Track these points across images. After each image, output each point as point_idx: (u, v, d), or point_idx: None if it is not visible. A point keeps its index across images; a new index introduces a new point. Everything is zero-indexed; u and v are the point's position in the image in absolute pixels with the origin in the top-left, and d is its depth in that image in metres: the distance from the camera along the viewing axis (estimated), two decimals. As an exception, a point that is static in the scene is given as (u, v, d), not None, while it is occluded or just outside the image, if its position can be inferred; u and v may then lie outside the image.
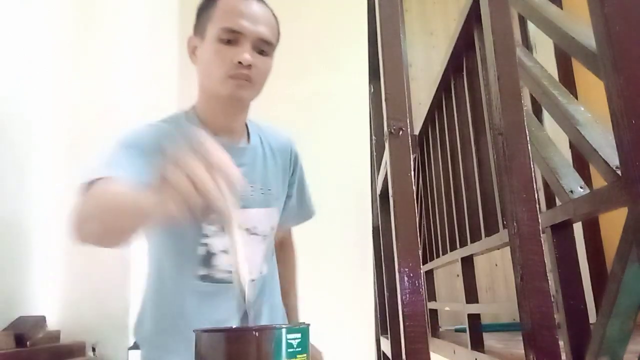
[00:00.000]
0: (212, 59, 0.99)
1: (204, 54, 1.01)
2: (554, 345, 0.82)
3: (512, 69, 0.99)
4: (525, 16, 1.30)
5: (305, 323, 0.67)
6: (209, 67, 1.00)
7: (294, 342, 0.63)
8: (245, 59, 0.97)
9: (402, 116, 0.97)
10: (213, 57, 0.98)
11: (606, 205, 0.83)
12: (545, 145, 1.10)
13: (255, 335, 0.62)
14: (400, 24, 1.04)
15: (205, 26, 1.01)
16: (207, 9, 1.02)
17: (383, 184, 1.35)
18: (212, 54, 0.98)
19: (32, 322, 1.63)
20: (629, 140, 0.72)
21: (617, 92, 0.74)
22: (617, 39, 0.76)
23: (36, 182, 1.85)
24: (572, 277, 0.97)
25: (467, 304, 1.47)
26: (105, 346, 1.86)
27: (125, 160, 0.93)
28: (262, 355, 0.61)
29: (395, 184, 0.94)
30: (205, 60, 1.01)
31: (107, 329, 1.87)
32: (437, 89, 1.84)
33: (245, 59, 0.97)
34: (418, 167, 2.35)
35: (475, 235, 1.46)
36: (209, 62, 1.00)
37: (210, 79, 1.01)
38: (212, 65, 0.99)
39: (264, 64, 1.02)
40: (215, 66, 0.99)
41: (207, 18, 1.01)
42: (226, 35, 0.97)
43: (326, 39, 2.63)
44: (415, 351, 0.85)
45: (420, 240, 1.22)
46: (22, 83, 1.84)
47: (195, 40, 1.05)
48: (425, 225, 2.26)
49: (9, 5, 1.78)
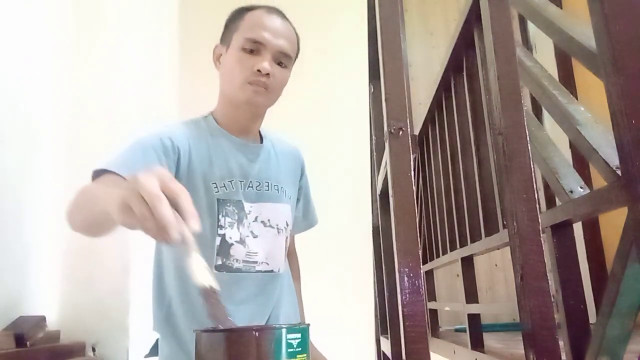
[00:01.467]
0: (235, 65, 1.08)
1: (227, 61, 1.11)
2: (554, 345, 0.82)
3: (512, 69, 0.99)
4: (525, 16, 1.29)
5: (306, 323, 0.67)
6: (231, 73, 1.09)
7: (294, 342, 0.63)
8: (264, 68, 1.05)
9: (402, 116, 0.97)
10: (235, 64, 1.08)
11: (606, 205, 0.83)
12: (545, 145, 1.10)
13: (255, 335, 0.62)
14: (400, 24, 1.04)
15: (231, 36, 1.11)
16: (235, 21, 1.12)
17: (383, 184, 1.35)
18: (235, 61, 1.08)
19: (32, 322, 1.63)
20: (629, 140, 0.72)
21: (617, 92, 0.74)
22: (617, 39, 0.76)
23: (36, 182, 1.85)
24: (572, 277, 0.97)
25: (467, 304, 1.47)
26: (105, 346, 1.86)
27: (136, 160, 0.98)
28: (262, 355, 0.61)
29: (395, 184, 0.94)
30: (228, 67, 1.10)
31: (107, 329, 1.87)
32: (437, 89, 1.84)
33: (264, 68, 1.05)
34: (418, 167, 2.35)
35: (475, 235, 1.46)
36: (231, 68, 1.09)
37: (231, 84, 1.10)
38: (234, 71, 1.08)
39: (281, 74, 1.10)
40: (236, 72, 1.07)
41: (233, 29, 1.11)
42: (249, 45, 1.07)
43: (326, 39, 2.63)
44: (415, 351, 0.85)
45: (420, 240, 1.22)
46: (23, 83, 1.84)
47: (221, 48, 1.14)
48: (425, 225, 2.26)
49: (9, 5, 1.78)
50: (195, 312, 1.07)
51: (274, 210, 1.16)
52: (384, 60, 1.02)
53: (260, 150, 1.18)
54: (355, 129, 2.42)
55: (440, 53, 1.97)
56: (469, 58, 1.46)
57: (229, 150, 1.13)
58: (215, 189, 1.08)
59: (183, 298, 1.09)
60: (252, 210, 1.12)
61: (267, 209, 1.14)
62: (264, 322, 1.14)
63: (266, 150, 1.20)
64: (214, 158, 1.10)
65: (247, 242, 1.10)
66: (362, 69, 1.79)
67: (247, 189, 1.12)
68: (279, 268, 1.16)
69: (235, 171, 1.11)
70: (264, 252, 1.12)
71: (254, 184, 1.14)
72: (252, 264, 1.10)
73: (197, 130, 1.12)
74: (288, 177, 1.23)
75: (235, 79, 1.08)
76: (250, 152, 1.16)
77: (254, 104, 1.10)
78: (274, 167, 1.19)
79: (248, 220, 1.11)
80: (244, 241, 1.09)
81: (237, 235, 1.08)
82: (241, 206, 1.10)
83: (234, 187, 1.10)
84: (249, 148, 1.17)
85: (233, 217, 1.08)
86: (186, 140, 1.08)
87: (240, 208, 1.10)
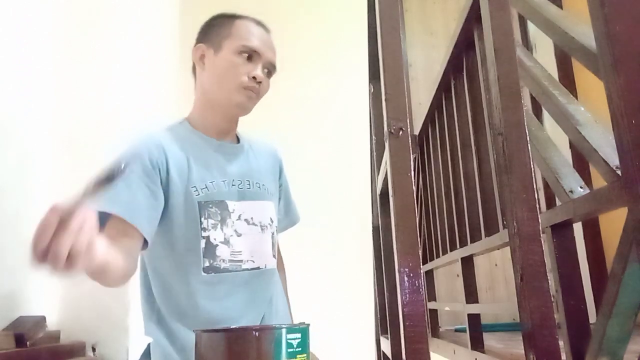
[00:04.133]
0: (229, 69, 1.12)
1: (218, 64, 1.13)
2: (554, 345, 0.82)
3: (512, 69, 0.99)
4: (525, 16, 1.29)
5: (305, 323, 0.67)
6: (223, 77, 1.13)
7: (294, 342, 0.63)
8: (259, 76, 1.12)
9: (402, 116, 0.97)
10: (230, 68, 1.12)
11: (606, 205, 0.83)
12: (545, 145, 1.10)
13: (255, 335, 0.62)
14: (400, 24, 1.04)
15: (220, 41, 1.14)
16: (222, 26, 1.15)
17: (383, 184, 1.35)
18: (230, 65, 1.12)
19: (32, 322, 1.63)
20: (629, 140, 0.72)
21: (617, 92, 0.74)
22: (617, 39, 0.76)
23: (36, 182, 1.85)
24: (572, 277, 0.96)
25: (467, 304, 1.47)
26: (105, 346, 1.86)
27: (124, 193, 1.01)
28: (262, 355, 0.61)
29: (395, 184, 0.94)
30: (220, 70, 1.13)
31: (107, 329, 1.87)
32: (437, 89, 1.83)
33: (259, 76, 1.12)
34: (418, 167, 2.34)
35: (475, 235, 1.46)
36: (224, 72, 1.12)
37: (220, 87, 1.13)
38: (227, 75, 1.12)
39: (267, 82, 1.17)
40: (231, 76, 1.12)
41: (222, 34, 1.14)
42: (246, 52, 1.12)
43: (326, 39, 2.63)
44: (415, 351, 0.85)
45: (420, 240, 1.22)
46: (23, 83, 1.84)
47: (205, 49, 1.16)
48: (425, 225, 2.26)
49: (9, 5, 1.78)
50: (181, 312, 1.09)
51: (257, 208, 1.18)
52: (384, 60, 1.02)
53: (238, 150, 1.21)
54: (355, 129, 2.42)
55: (440, 53, 1.97)
56: (469, 58, 1.46)
57: (207, 152, 1.15)
58: (195, 191, 1.09)
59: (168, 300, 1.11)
60: (235, 209, 1.14)
61: (250, 207, 1.16)
62: (258, 320, 1.15)
63: (244, 150, 1.23)
64: (192, 162, 1.11)
65: (231, 242, 1.11)
66: (362, 69, 1.79)
67: (231, 187, 1.14)
68: (266, 264, 1.17)
69: (215, 172, 1.13)
70: (248, 250, 1.14)
71: (236, 182, 1.15)
72: (238, 263, 1.12)
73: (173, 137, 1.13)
74: (268, 175, 1.25)
75: (230, 83, 1.12)
76: (228, 152, 1.18)
77: (245, 108, 1.15)
78: (254, 165, 1.22)
79: (232, 219, 1.13)
80: (228, 241, 1.11)
81: (221, 235, 1.10)
82: (224, 206, 1.12)
83: (215, 188, 1.11)
84: (227, 148, 1.19)
85: (216, 218, 1.10)
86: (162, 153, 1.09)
87: (223, 208, 1.12)
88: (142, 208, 1.03)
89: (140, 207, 1.03)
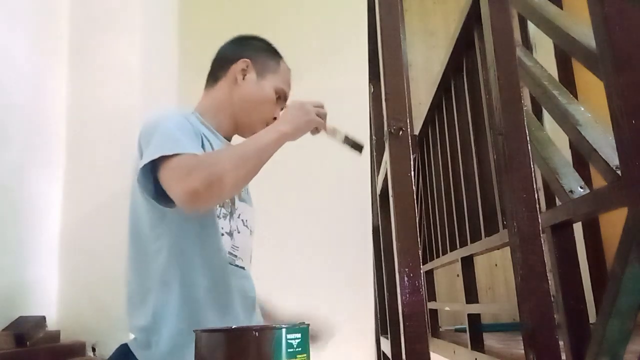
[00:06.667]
0: (264, 103, 1.21)
1: (257, 90, 1.21)
2: (554, 345, 0.82)
3: (512, 69, 0.99)
4: (525, 16, 1.29)
5: (305, 323, 0.67)
6: (257, 105, 1.21)
7: (294, 342, 0.63)
8: (279, 116, 1.21)
9: (402, 116, 0.97)
10: (264, 101, 1.21)
11: (606, 205, 0.83)
12: (545, 145, 1.10)
13: (255, 335, 0.62)
14: (400, 24, 1.04)
15: (267, 71, 1.22)
16: (272, 59, 1.25)
17: (383, 184, 1.35)
18: (267, 100, 1.21)
19: (32, 322, 1.62)
20: (629, 140, 0.72)
21: (617, 92, 0.74)
22: (617, 39, 0.76)
23: (36, 182, 1.85)
24: (572, 277, 0.97)
25: (467, 304, 1.47)
26: (105, 346, 1.86)
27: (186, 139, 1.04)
28: (262, 355, 0.61)
29: (395, 184, 0.94)
30: (256, 97, 1.21)
31: (107, 329, 1.87)
32: (437, 89, 1.84)
33: (279, 116, 1.21)
34: (418, 167, 2.34)
35: (475, 235, 1.46)
36: (260, 100, 1.21)
37: (250, 112, 1.21)
38: (261, 107, 1.21)
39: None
40: (264, 110, 1.21)
41: (270, 67, 1.23)
42: (280, 94, 1.23)
43: (326, 39, 2.63)
44: (415, 351, 0.85)
45: (420, 240, 1.22)
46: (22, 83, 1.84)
47: (251, 68, 1.21)
48: (425, 225, 2.26)
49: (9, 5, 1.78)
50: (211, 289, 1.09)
51: (249, 212, 1.23)
52: (384, 60, 1.02)
53: None
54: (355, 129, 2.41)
55: (440, 53, 1.97)
56: (469, 58, 1.46)
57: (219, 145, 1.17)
58: None
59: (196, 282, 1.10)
60: (238, 207, 1.17)
61: (246, 210, 1.21)
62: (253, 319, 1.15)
63: None
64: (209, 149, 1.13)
65: (233, 236, 1.14)
66: (362, 69, 1.79)
67: None
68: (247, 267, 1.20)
69: None
70: (241, 249, 1.16)
71: None
72: (234, 257, 1.13)
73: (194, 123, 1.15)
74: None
75: (260, 115, 1.20)
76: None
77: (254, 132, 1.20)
78: None
79: (236, 215, 1.16)
80: (231, 234, 1.14)
81: (227, 226, 1.13)
82: (233, 200, 1.16)
83: None
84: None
85: (227, 209, 1.14)
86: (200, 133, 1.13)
87: (232, 202, 1.16)
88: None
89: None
